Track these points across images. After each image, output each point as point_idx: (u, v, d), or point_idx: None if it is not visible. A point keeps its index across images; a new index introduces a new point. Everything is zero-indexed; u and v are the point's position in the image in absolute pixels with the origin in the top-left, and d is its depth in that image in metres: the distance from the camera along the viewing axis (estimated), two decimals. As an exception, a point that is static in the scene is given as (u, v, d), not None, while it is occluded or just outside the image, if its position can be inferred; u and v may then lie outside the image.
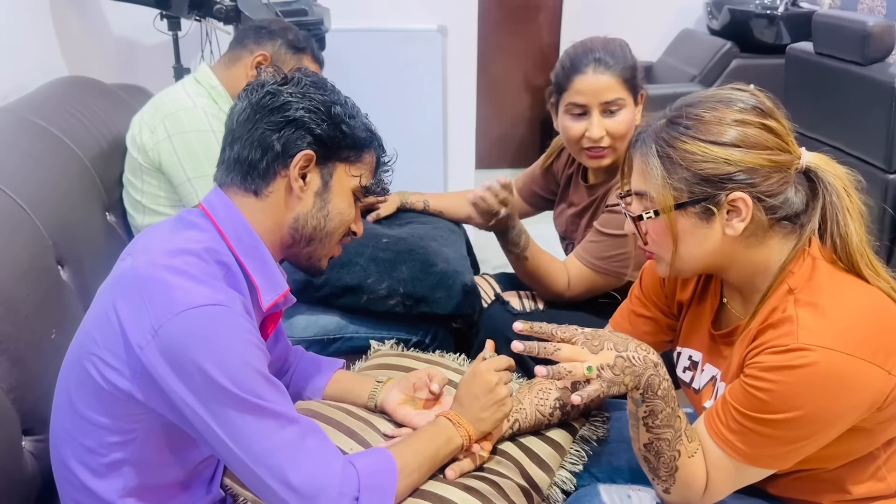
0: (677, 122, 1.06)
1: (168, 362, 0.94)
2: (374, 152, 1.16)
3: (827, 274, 1.06)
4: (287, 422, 0.98)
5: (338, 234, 1.15)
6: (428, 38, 3.00)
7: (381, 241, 1.78)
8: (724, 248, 1.08)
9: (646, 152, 1.08)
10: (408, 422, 1.26)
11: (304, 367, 1.37)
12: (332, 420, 1.22)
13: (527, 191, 2.03)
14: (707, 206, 1.04)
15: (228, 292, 1.00)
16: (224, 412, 0.95)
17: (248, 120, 1.08)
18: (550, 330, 1.07)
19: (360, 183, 1.14)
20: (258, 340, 1.00)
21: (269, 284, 1.09)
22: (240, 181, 1.10)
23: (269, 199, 1.09)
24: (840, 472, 1.12)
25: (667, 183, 1.05)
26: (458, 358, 1.53)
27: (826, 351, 0.98)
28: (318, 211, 1.12)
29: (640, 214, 1.09)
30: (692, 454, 1.09)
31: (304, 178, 1.09)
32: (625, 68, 1.63)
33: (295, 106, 1.07)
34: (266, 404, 0.96)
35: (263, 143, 1.07)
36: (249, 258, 1.08)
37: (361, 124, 1.13)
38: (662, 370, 1.07)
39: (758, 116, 1.05)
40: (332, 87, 1.13)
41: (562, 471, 1.28)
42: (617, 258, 1.67)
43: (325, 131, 1.08)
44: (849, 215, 1.06)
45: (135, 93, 2.26)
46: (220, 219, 1.08)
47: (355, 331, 1.75)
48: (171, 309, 0.94)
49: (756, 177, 1.03)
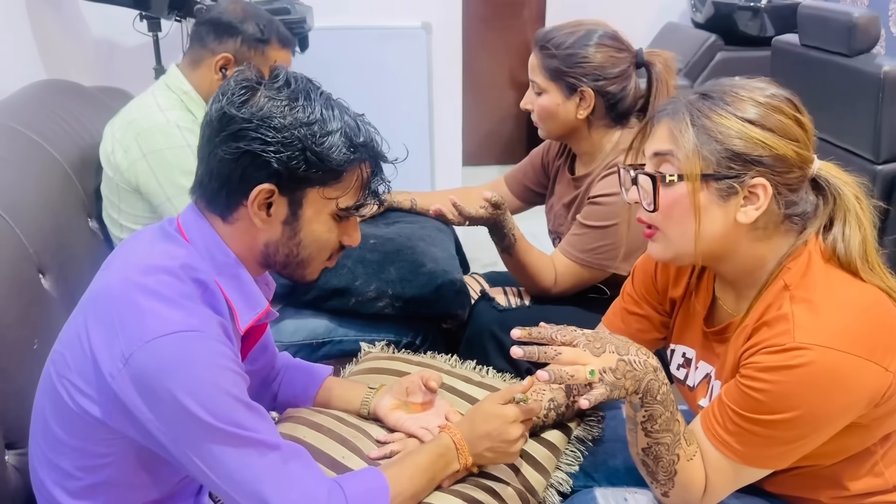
0: (713, 96, 1.05)
1: (140, 392, 0.91)
2: (360, 168, 1.04)
3: (822, 271, 1.05)
4: (268, 448, 0.95)
5: (318, 259, 1.08)
6: (412, 35, 2.98)
7: (369, 243, 1.75)
8: (730, 235, 1.06)
9: (679, 119, 1.05)
10: (400, 426, 1.24)
11: (293, 375, 1.34)
12: (322, 427, 1.20)
13: (517, 185, 2.01)
14: (731, 185, 1.02)
15: (203, 314, 0.96)
16: (201, 443, 0.92)
17: (208, 142, 1.01)
18: (550, 334, 1.04)
19: (339, 206, 1.03)
20: (236, 364, 0.97)
21: (247, 304, 1.05)
22: (205, 205, 1.05)
23: (236, 226, 1.03)
24: (837, 468, 1.11)
25: (697, 150, 1.03)
26: (450, 359, 1.51)
27: (823, 349, 0.97)
28: (288, 240, 1.04)
29: (665, 175, 1.05)
30: (691, 457, 1.07)
31: (269, 207, 1.01)
32: (554, 57, 1.65)
33: (251, 135, 0.97)
34: (244, 433, 0.93)
35: (221, 174, 1.00)
36: (224, 277, 1.03)
37: (340, 142, 1.00)
38: (661, 374, 1.06)
39: (792, 109, 1.04)
40: (309, 97, 1.01)
41: (557, 472, 1.27)
42: (601, 250, 1.66)
43: (284, 163, 0.97)
44: (858, 222, 1.06)
45: (115, 95, 2.22)
46: (192, 237, 1.03)
47: (344, 334, 1.73)
48: (143, 336, 0.91)
49: (781, 166, 1.03)
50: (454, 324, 1.77)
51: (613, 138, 1.73)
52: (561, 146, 1.90)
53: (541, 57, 1.69)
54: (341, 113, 1.03)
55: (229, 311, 1.03)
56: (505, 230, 1.66)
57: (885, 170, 2.27)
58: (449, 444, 1.13)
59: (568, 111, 1.68)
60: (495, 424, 1.13)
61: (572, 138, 1.76)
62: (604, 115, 1.70)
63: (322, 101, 1.02)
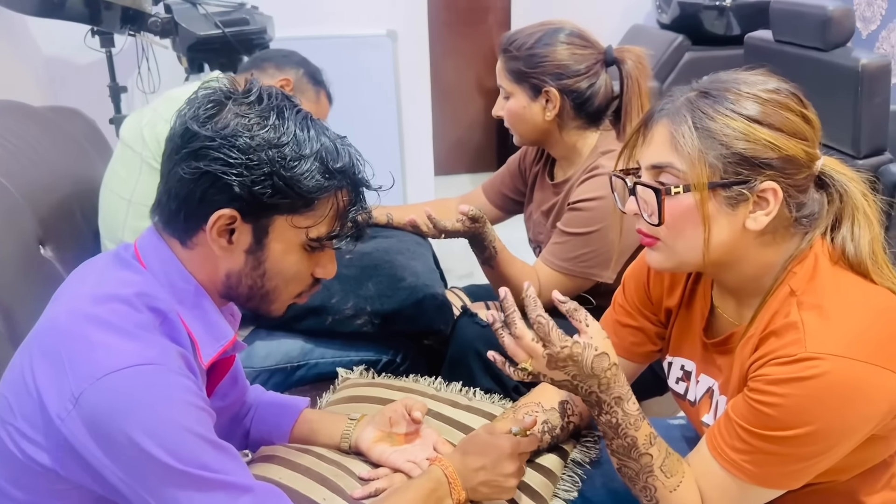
0: (714, 94, 0.97)
1: (93, 435, 0.82)
2: (336, 196, 0.94)
3: (830, 274, 0.99)
4: (239, 491, 0.86)
5: (285, 292, 0.98)
6: (378, 43, 2.90)
7: (345, 258, 1.67)
8: (738, 243, 0.99)
9: (679, 121, 0.97)
10: (384, 461, 1.14)
11: (266, 409, 1.24)
12: (299, 466, 1.10)
13: (495, 194, 1.94)
14: (740, 191, 0.95)
15: (162, 345, 0.87)
16: (164, 489, 0.83)
17: (168, 158, 0.92)
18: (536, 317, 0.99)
19: (310, 236, 0.94)
20: (200, 400, 0.88)
21: (211, 335, 0.96)
22: (163, 226, 0.96)
23: (196, 252, 0.94)
24: (853, 483, 1.06)
25: (702, 157, 0.95)
26: (434, 382, 1.43)
27: (837, 359, 0.90)
28: (251, 270, 0.95)
29: (669, 188, 0.96)
30: (673, 489, 1.01)
31: (231, 234, 0.92)
32: (517, 59, 1.61)
33: (213, 155, 0.88)
34: (212, 475, 0.85)
35: (179, 194, 0.91)
36: (185, 306, 0.94)
37: (314, 167, 0.90)
38: (615, 408, 1.00)
39: (798, 105, 0.97)
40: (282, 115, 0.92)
41: (555, 500, 1.19)
42: (584, 258, 1.59)
43: (248, 188, 0.88)
44: (867, 221, 1.00)
45: (67, 115, 2.11)
46: (150, 263, 0.94)
47: (321, 355, 1.64)
48: (93, 373, 0.82)
49: (791, 168, 0.96)
50: (436, 340, 1.70)
51: (590, 141, 1.67)
52: (538, 151, 1.84)
53: (505, 60, 1.65)
54: (318, 134, 0.93)
55: (191, 343, 0.94)
56: (485, 242, 1.59)
57: (866, 164, 2.25)
58: (441, 477, 1.04)
59: (535, 114, 1.63)
60: (491, 457, 1.05)
61: (546, 142, 1.71)
62: (574, 116, 1.64)
63: (297, 121, 0.93)
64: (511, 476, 1.05)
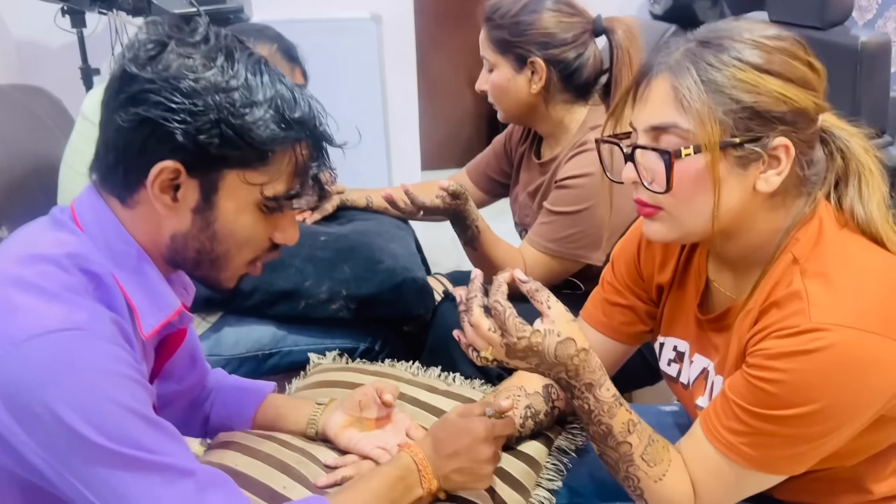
0: (715, 42, 0.88)
1: (10, 408, 0.73)
2: (294, 150, 0.86)
3: (836, 238, 0.91)
4: (177, 474, 0.78)
5: (238, 258, 0.90)
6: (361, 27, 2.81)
7: (319, 240, 1.58)
8: (747, 207, 0.90)
9: (681, 75, 0.87)
10: (353, 447, 1.06)
11: (227, 394, 1.15)
12: (259, 453, 1.01)
13: (480, 176, 1.86)
14: (753, 149, 0.86)
15: (93, 310, 0.79)
16: (91, 469, 0.75)
17: (106, 105, 0.83)
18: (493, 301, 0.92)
19: (265, 193, 0.85)
20: (135, 372, 0.79)
21: (153, 303, 0.87)
22: (100, 182, 0.87)
23: (138, 211, 0.86)
24: (859, 469, 0.98)
25: (712, 113, 0.85)
26: (411, 366, 1.34)
27: (845, 330, 0.83)
28: (199, 232, 0.86)
29: (679, 150, 0.86)
30: (658, 478, 0.94)
31: (175, 191, 0.83)
32: (501, 27, 1.54)
33: (153, 100, 0.79)
34: (147, 455, 0.76)
35: (117, 145, 0.82)
36: (124, 270, 0.85)
37: (268, 115, 0.82)
38: (588, 392, 0.93)
39: (804, 52, 0.88)
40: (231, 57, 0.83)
41: (539, 489, 1.11)
42: (572, 238, 1.51)
43: (192, 136, 0.80)
44: (872, 176, 0.92)
45: (31, 93, 2.02)
46: (86, 224, 0.85)
47: (294, 342, 1.56)
48: (12, 338, 0.73)
49: (801, 122, 0.87)
50: (416, 327, 1.62)
51: (578, 116, 1.59)
52: (524, 130, 1.76)
53: (488, 29, 1.57)
54: (273, 81, 0.85)
55: (130, 312, 0.85)
56: (467, 221, 1.50)
57: (864, 148, 2.17)
58: (410, 464, 0.95)
59: (520, 86, 1.55)
60: (465, 441, 0.96)
61: (532, 119, 1.62)
62: (561, 89, 1.56)
63: (249, 64, 0.84)
64: (486, 462, 0.97)
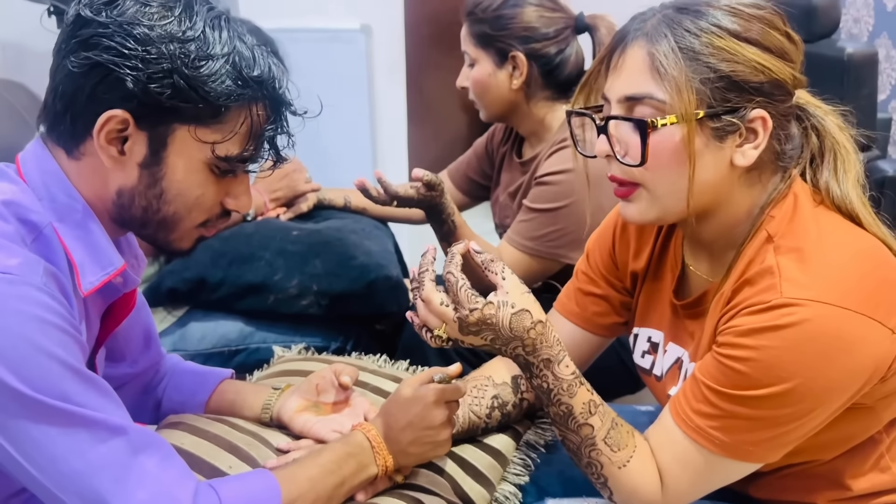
0: (694, 9, 0.85)
1: None
2: (250, 109, 0.83)
3: (811, 215, 0.88)
4: (108, 432, 0.74)
5: (187, 220, 0.86)
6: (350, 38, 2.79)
7: (291, 234, 1.55)
8: (723, 182, 0.87)
9: (658, 41, 0.84)
10: (307, 431, 1.01)
11: (182, 378, 1.11)
12: (207, 433, 0.96)
13: (461, 178, 1.83)
14: (731, 121, 0.83)
15: (27, 258, 0.75)
16: (13, 421, 0.71)
17: (58, 50, 0.81)
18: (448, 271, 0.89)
19: (216, 153, 0.82)
20: (66, 324, 0.75)
21: (94, 260, 0.83)
22: (47, 132, 0.84)
23: (84, 163, 0.83)
24: (837, 463, 0.94)
25: (689, 83, 0.82)
26: (378, 359, 1.30)
27: (818, 305, 0.79)
28: (146, 189, 0.82)
29: (655, 121, 0.83)
30: (622, 464, 0.90)
31: (123, 143, 0.80)
32: (482, 21, 1.51)
33: (105, 44, 0.76)
34: (73, 409, 0.72)
35: (66, 92, 0.79)
36: (66, 224, 0.81)
37: (224, 70, 0.79)
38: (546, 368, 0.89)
39: (782, 23, 0.86)
40: (190, 8, 0.80)
41: (504, 484, 1.06)
42: (552, 236, 1.48)
43: (143, 84, 0.77)
44: (847, 154, 0.90)
45: (11, 88, 1.99)
46: (29, 174, 0.82)
47: (262, 339, 1.52)
48: None
49: (779, 94, 0.85)
50: (389, 325, 1.58)
51: (559, 114, 1.57)
52: (506, 131, 1.73)
53: (469, 24, 1.55)
54: (232, 37, 0.82)
55: (69, 268, 0.81)
56: (443, 215, 1.47)
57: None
58: (363, 442, 0.91)
59: (501, 82, 1.53)
60: (415, 410, 0.92)
61: (514, 117, 1.60)
62: (542, 86, 1.54)
63: (208, 18, 0.81)
64: (441, 427, 0.93)
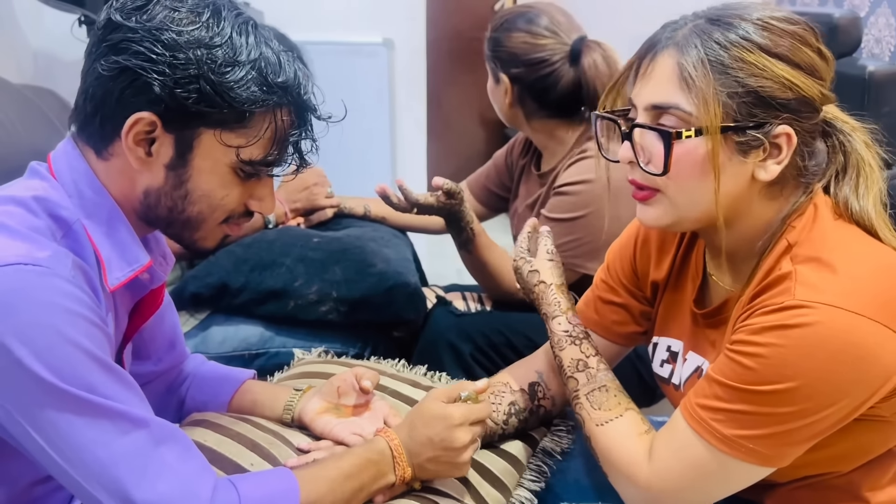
0: (726, 22, 0.85)
1: None
2: (275, 115, 0.85)
3: (831, 226, 0.88)
4: (131, 424, 0.75)
5: (210, 220, 0.88)
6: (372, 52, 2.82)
7: (312, 241, 1.57)
8: (744, 196, 0.88)
9: (688, 53, 0.85)
10: (328, 433, 1.02)
11: (205, 378, 1.12)
12: (230, 431, 0.98)
13: (480, 190, 1.84)
14: (755, 136, 0.84)
15: (57, 251, 0.77)
16: (40, 410, 0.72)
17: (89, 54, 0.83)
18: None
19: (241, 157, 0.84)
20: (94, 315, 0.77)
21: (121, 256, 0.85)
22: (77, 132, 0.86)
23: (112, 163, 0.85)
24: (854, 476, 0.93)
25: (716, 96, 0.83)
26: (396, 364, 1.31)
27: (829, 309, 0.79)
28: (172, 189, 0.85)
29: (680, 132, 0.85)
30: (600, 423, 0.97)
31: (150, 145, 0.83)
32: (487, 38, 1.59)
33: (134, 49, 0.79)
34: (98, 400, 0.74)
35: (96, 94, 0.82)
36: (94, 221, 0.83)
37: (250, 76, 0.81)
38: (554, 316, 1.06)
39: (815, 39, 0.86)
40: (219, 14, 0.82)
41: (520, 490, 1.06)
42: (569, 246, 1.49)
43: (171, 89, 0.79)
44: (871, 170, 0.90)
45: (43, 94, 2.03)
46: (60, 172, 0.84)
47: (282, 344, 1.53)
48: None
49: (805, 111, 0.85)
50: (407, 332, 1.59)
51: (568, 132, 1.59)
52: (525, 144, 1.76)
53: (486, 37, 1.61)
54: (259, 43, 0.84)
55: (97, 263, 0.83)
56: (462, 223, 1.49)
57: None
58: (384, 449, 0.92)
59: (499, 97, 1.59)
60: (438, 428, 0.91)
61: (523, 130, 1.66)
62: (538, 107, 1.57)
63: (236, 24, 0.83)
64: (461, 450, 0.92)
